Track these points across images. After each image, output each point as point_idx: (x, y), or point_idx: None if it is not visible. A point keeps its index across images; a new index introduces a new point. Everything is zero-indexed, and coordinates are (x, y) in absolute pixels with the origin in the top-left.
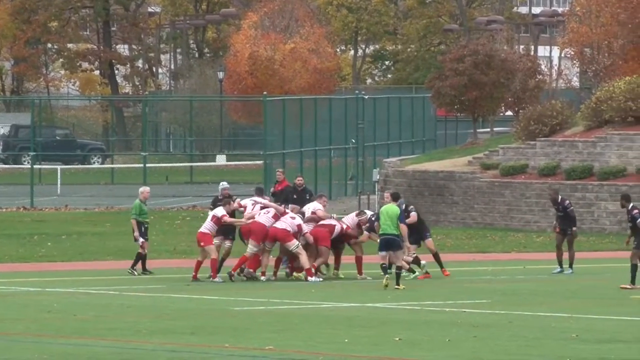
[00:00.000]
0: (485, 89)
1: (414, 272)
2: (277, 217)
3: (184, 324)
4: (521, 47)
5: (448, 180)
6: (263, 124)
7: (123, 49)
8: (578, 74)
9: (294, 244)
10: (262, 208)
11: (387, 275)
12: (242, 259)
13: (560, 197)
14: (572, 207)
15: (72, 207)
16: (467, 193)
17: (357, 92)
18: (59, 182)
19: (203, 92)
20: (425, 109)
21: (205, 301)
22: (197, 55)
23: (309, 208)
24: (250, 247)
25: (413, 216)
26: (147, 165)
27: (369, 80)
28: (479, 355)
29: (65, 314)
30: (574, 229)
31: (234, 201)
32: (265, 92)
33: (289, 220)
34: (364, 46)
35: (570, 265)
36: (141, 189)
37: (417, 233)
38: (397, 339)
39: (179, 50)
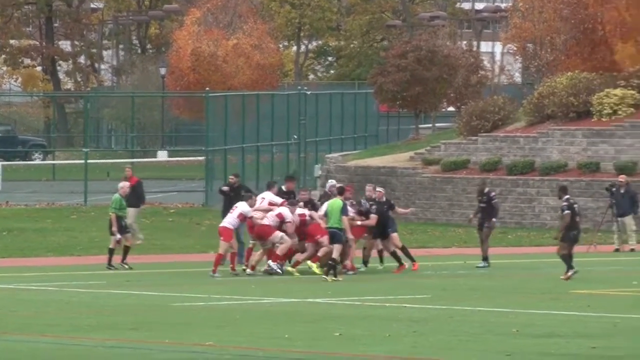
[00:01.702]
0: (427, 84)
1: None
2: (281, 216)
3: (124, 319)
4: (464, 43)
5: (390, 176)
6: (205, 120)
7: (65, 45)
8: (520, 70)
9: (278, 236)
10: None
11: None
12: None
13: (487, 188)
14: (497, 200)
15: (13, 203)
16: (409, 188)
17: (299, 87)
18: (0, 178)
19: (145, 88)
20: (368, 105)
21: (146, 297)
22: (139, 51)
23: (263, 197)
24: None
25: (373, 218)
26: (89, 161)
27: (311, 76)
28: (419, 350)
29: (5, 310)
30: (494, 220)
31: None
32: (207, 88)
33: (270, 216)
34: (306, 42)
35: (485, 259)
36: (121, 184)
37: (382, 227)
38: (338, 334)
39: (121, 46)
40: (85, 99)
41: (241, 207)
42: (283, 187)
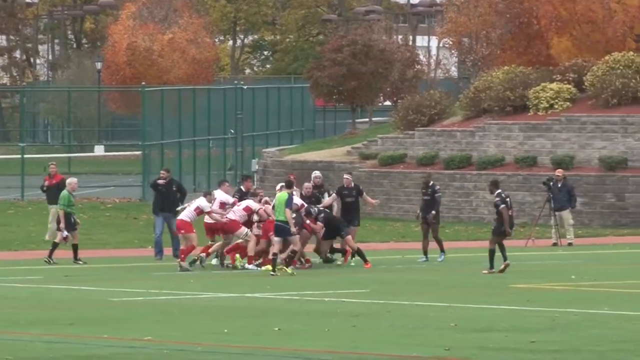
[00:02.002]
0: (363, 79)
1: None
2: (248, 209)
3: (62, 314)
4: (399, 37)
5: (327, 170)
6: (141, 115)
7: (0, 39)
8: (456, 64)
9: (243, 232)
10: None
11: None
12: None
13: (432, 182)
14: (440, 194)
15: None
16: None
17: (235, 82)
18: None
19: (81, 82)
20: (304, 99)
21: (84, 292)
22: (75, 46)
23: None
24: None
25: (318, 225)
26: (25, 156)
27: (247, 71)
28: (358, 345)
29: None
30: (433, 212)
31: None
32: (143, 83)
33: (237, 210)
34: (242, 36)
35: (442, 250)
36: (69, 180)
37: (333, 229)
38: (277, 329)
39: (57, 40)
40: (21, 94)
41: (199, 201)
42: (242, 188)
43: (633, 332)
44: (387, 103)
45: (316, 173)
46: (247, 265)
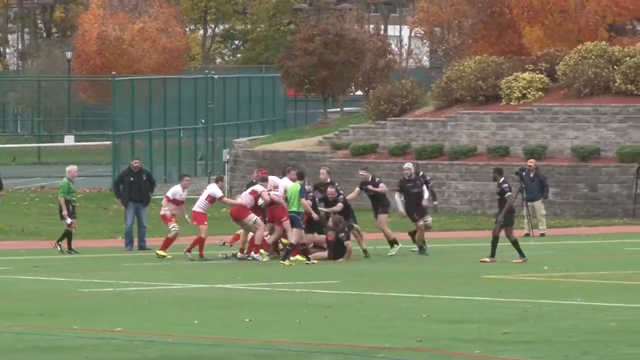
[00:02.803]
0: (335, 68)
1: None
2: (254, 192)
3: (31, 305)
4: (371, 26)
5: (298, 160)
6: (112, 104)
7: None
8: (428, 54)
9: (251, 219)
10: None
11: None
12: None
13: (421, 172)
14: (431, 184)
15: None
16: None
17: (206, 71)
18: None
19: (51, 72)
20: (275, 89)
21: (53, 283)
22: (45, 35)
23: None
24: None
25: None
26: None
27: (218, 60)
28: (329, 336)
29: None
30: (435, 203)
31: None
32: (113, 72)
33: (244, 195)
34: (213, 26)
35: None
36: (69, 168)
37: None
38: (247, 320)
39: (26, 30)
40: None
41: (210, 188)
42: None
43: (605, 323)
44: (359, 93)
45: (408, 165)
46: (253, 255)
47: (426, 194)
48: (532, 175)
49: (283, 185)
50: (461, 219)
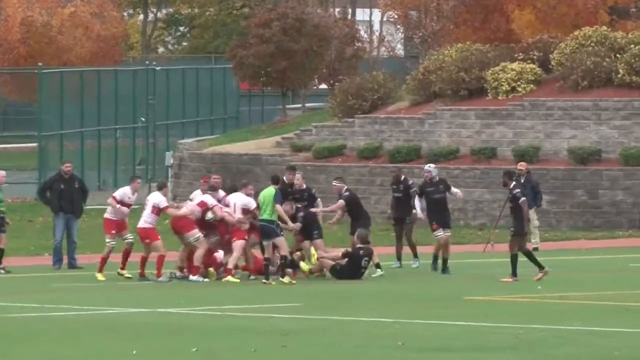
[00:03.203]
0: (295, 58)
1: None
2: (203, 204)
3: None
4: (337, 10)
5: (253, 165)
6: (38, 101)
7: None
8: (403, 41)
9: (194, 235)
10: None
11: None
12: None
13: (403, 176)
14: (415, 189)
15: None
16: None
17: (147, 62)
18: None
19: None
20: (227, 82)
21: None
22: None
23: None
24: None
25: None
26: None
27: (161, 49)
28: None
29: None
30: (415, 211)
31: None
32: (40, 64)
33: (191, 205)
34: (155, 10)
35: (416, 255)
36: None
37: (307, 228)
38: (194, 349)
39: None
40: None
41: (153, 198)
42: (285, 179)
43: (607, 351)
44: (323, 86)
45: (429, 166)
46: (191, 277)
47: (417, 205)
48: (523, 181)
49: (233, 202)
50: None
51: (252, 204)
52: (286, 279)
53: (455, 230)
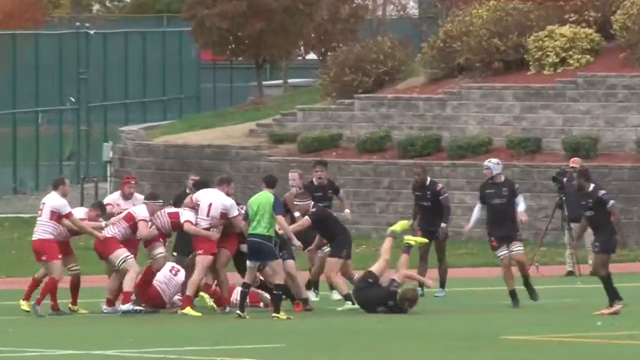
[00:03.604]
0: (274, 18)
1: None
2: (130, 217)
3: None
4: None
5: (219, 160)
6: None
7: None
8: None
9: (120, 256)
10: None
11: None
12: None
13: (429, 178)
14: (447, 195)
15: None
16: (249, 179)
17: (78, 24)
18: None
19: None
20: (183, 51)
21: None
22: None
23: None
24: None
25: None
26: None
27: (96, 7)
28: None
29: None
30: (443, 225)
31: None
32: None
33: (117, 221)
34: None
35: (443, 284)
36: None
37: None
38: None
39: None
40: None
41: (50, 201)
42: (314, 181)
43: None
44: (311, 56)
45: (489, 162)
46: (121, 307)
47: (474, 215)
48: (576, 183)
49: (207, 202)
50: (469, 249)
51: (234, 210)
52: (282, 315)
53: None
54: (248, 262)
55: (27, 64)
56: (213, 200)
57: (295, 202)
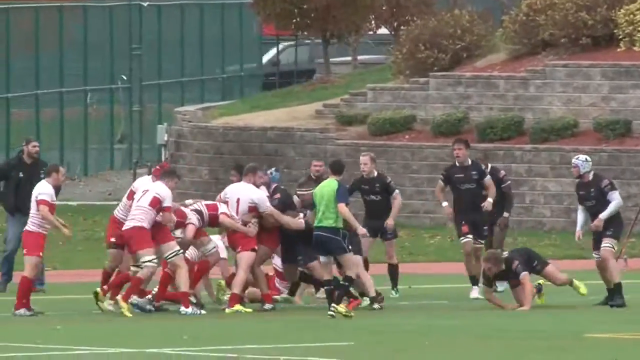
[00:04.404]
0: None
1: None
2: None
3: None
4: None
5: (283, 143)
6: None
7: None
8: None
9: (171, 250)
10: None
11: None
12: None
13: (490, 164)
14: (510, 182)
15: None
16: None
17: None
18: None
19: None
20: (244, 25)
21: None
22: None
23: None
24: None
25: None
26: None
27: None
28: None
29: None
30: (506, 214)
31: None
32: None
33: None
34: None
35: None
36: None
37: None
38: None
39: None
40: None
41: (40, 189)
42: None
43: None
44: (383, 31)
45: (578, 159)
46: (135, 300)
47: (579, 220)
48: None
49: (235, 197)
50: (552, 240)
51: (264, 205)
52: (342, 308)
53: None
54: (321, 258)
55: (75, 39)
56: (241, 194)
57: (297, 192)
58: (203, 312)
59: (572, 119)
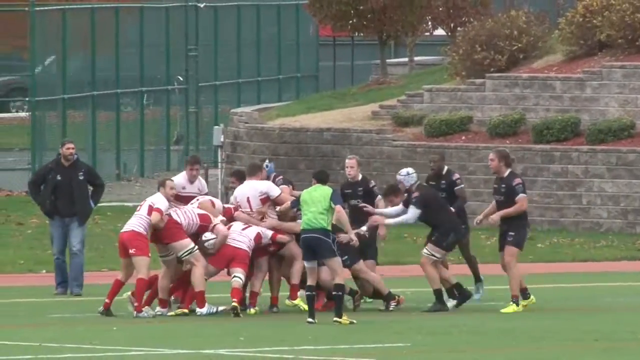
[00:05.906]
0: None
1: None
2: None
3: None
4: None
5: (339, 144)
6: (29, 52)
7: None
8: None
9: (186, 248)
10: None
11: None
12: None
13: (446, 167)
14: (462, 186)
15: None
16: (372, 165)
17: None
18: None
19: None
20: (301, 26)
21: None
22: None
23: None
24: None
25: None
26: None
27: None
28: None
29: None
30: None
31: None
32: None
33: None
34: None
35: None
36: None
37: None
38: None
39: None
40: None
41: (153, 198)
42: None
43: None
44: (439, 32)
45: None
46: (198, 311)
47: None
48: None
49: (244, 196)
50: (609, 241)
51: (273, 188)
52: (344, 319)
53: (628, 238)
54: (306, 263)
55: (131, 42)
56: (249, 193)
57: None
58: (221, 308)
59: (629, 120)
